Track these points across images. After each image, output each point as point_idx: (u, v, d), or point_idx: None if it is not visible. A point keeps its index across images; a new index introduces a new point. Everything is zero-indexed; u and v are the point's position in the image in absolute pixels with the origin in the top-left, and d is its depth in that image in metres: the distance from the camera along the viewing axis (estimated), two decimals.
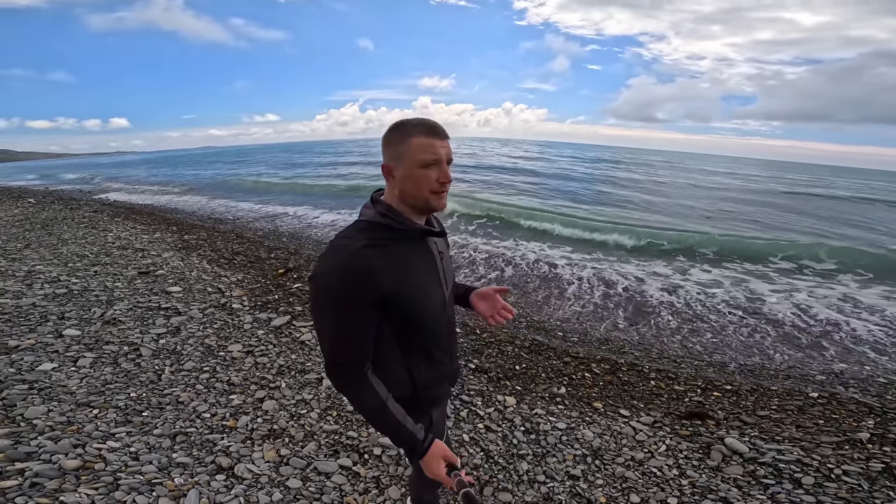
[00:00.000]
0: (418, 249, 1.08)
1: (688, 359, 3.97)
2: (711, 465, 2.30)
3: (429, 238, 1.11)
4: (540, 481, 2.12)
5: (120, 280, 4.47)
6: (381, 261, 0.95)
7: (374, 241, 0.97)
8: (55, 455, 1.85)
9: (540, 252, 8.08)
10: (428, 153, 0.96)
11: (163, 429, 2.18)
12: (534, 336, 4.02)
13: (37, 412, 2.16)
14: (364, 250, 0.94)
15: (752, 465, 2.30)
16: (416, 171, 0.97)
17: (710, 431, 2.62)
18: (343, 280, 0.93)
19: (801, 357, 4.18)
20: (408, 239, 1.04)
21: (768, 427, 2.72)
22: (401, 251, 1.01)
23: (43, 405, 2.24)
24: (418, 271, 1.06)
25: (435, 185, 0.99)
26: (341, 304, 0.94)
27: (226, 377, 2.73)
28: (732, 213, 14.43)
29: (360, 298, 0.94)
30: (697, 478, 2.20)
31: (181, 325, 3.44)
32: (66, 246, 6.02)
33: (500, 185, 18.39)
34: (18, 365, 2.61)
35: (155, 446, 2.05)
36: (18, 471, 1.72)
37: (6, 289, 3.96)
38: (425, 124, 0.98)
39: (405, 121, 1.00)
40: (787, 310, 5.40)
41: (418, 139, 0.96)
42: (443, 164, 0.99)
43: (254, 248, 6.57)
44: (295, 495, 1.87)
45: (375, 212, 1.01)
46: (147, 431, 2.15)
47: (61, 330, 3.16)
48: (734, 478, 2.20)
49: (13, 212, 9.39)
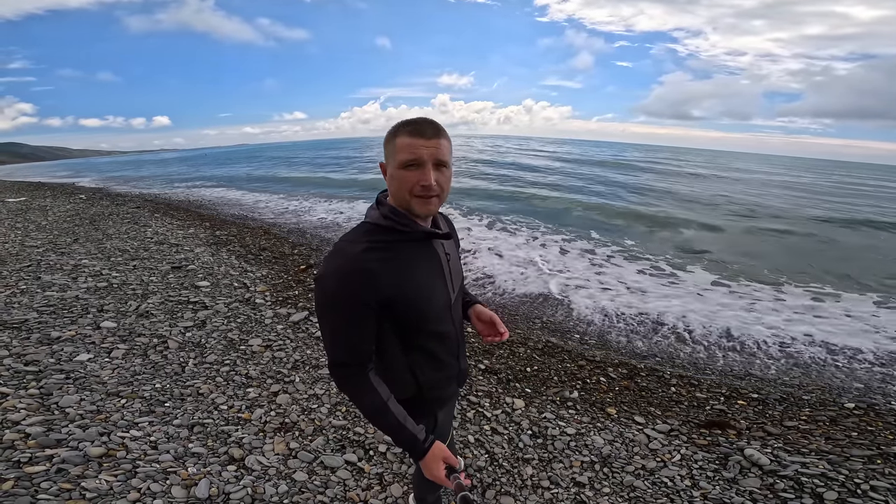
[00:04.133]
0: (423, 251, 1.07)
1: (712, 364, 3.82)
2: (727, 477, 2.21)
3: (435, 240, 1.11)
4: (544, 487, 2.10)
5: (155, 274, 4.72)
6: (382, 264, 0.96)
7: (375, 244, 0.98)
8: (82, 442, 1.99)
9: (562, 246, 7.93)
10: (407, 153, 0.95)
11: (182, 419, 2.30)
12: (548, 338, 3.96)
13: (70, 401, 2.33)
14: (364, 254, 0.95)
15: (772, 477, 2.19)
16: (398, 172, 0.97)
17: (730, 442, 2.51)
18: (342, 283, 0.94)
19: (841, 363, 3.93)
20: (412, 241, 1.04)
21: (795, 438, 2.58)
22: (404, 254, 1.02)
23: (76, 394, 2.41)
24: (422, 274, 1.06)
25: (416, 187, 0.96)
26: (341, 306, 0.96)
27: (244, 370, 2.85)
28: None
29: (360, 301, 0.95)
30: (710, 489, 2.11)
31: (207, 318, 3.60)
32: (110, 241, 6.42)
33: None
34: (58, 355, 2.81)
35: (173, 436, 2.17)
36: (47, 457, 1.86)
37: (54, 282, 4.27)
38: (414, 123, 0.97)
39: (405, 120, 0.99)
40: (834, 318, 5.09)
41: (402, 139, 0.95)
42: (425, 166, 0.95)
43: (279, 245, 6.78)
44: (300, 488, 1.93)
45: (379, 214, 1.02)
46: (167, 421, 2.28)
47: (99, 322, 3.38)
48: (750, 490, 2.10)
49: (65, 207, 10.08)
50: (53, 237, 6.57)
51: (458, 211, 11.13)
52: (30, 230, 7.12)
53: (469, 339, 3.70)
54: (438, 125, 0.98)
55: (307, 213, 10.77)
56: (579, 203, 12.90)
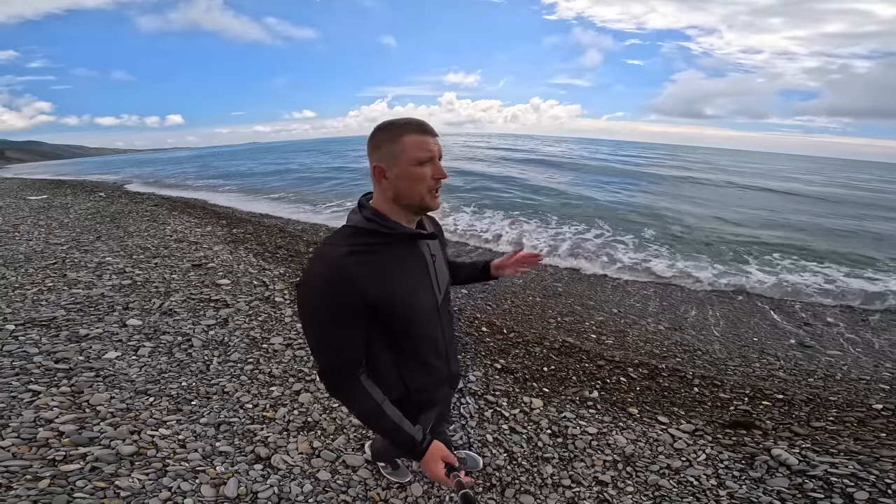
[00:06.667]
0: (408, 253, 1.07)
1: (734, 365, 3.76)
2: (754, 477, 2.18)
3: (421, 241, 1.10)
4: (565, 485, 2.09)
5: (176, 272, 4.80)
6: (366, 268, 0.96)
7: (358, 247, 0.97)
8: (114, 441, 2.04)
9: (581, 240, 7.86)
10: (423, 150, 0.96)
11: (209, 418, 2.34)
12: (564, 337, 3.93)
13: (101, 399, 2.38)
14: (347, 258, 0.94)
15: (800, 477, 2.16)
16: (412, 170, 0.97)
17: (756, 442, 2.47)
18: (325, 289, 0.94)
19: (866, 364, 3.84)
20: (397, 243, 1.03)
21: (823, 439, 2.53)
22: (388, 257, 1.01)
23: (106, 392, 2.46)
24: (407, 276, 1.05)
25: (430, 182, 0.99)
26: (325, 312, 0.96)
27: (267, 369, 2.88)
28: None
29: (344, 306, 0.95)
30: (737, 489, 2.09)
31: (229, 316, 3.66)
32: (132, 238, 6.55)
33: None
34: (87, 353, 2.88)
35: (201, 434, 2.21)
36: (81, 455, 1.91)
37: (79, 279, 4.37)
38: (415, 122, 0.98)
39: (393, 121, 0.99)
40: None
41: (411, 137, 0.96)
42: (437, 160, 1.00)
43: (294, 243, 6.83)
44: (324, 487, 1.95)
45: (362, 217, 1.01)
46: (195, 420, 2.32)
47: (125, 320, 3.45)
48: (777, 490, 2.07)
49: (86, 205, 10.31)
50: (76, 235, 6.72)
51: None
52: (53, 228, 7.30)
53: (484, 338, 3.69)
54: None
55: (320, 212, 10.88)
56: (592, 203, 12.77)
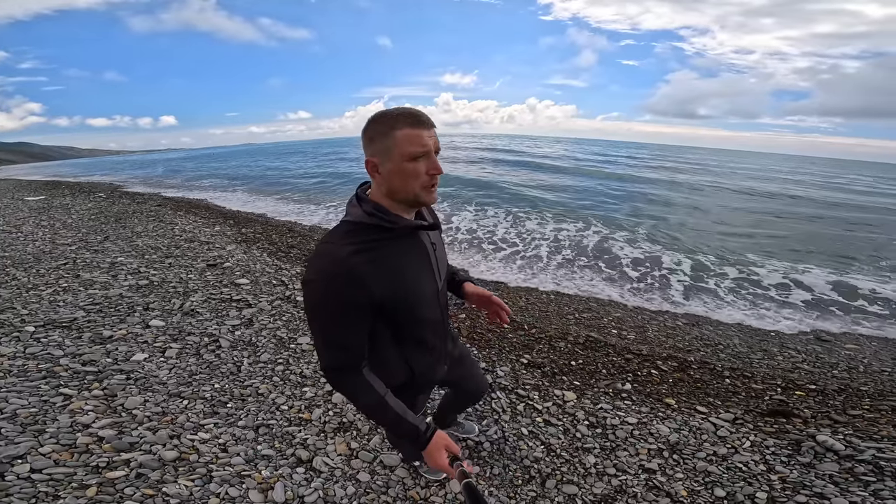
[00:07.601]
0: (410, 245, 1.06)
1: (757, 358, 3.75)
2: (803, 462, 2.17)
3: (421, 231, 1.10)
4: (610, 474, 2.08)
5: (192, 272, 4.75)
6: (372, 266, 0.94)
7: (361, 244, 0.95)
8: (154, 446, 2.00)
9: (598, 238, 7.83)
10: (416, 145, 0.92)
11: (246, 420, 2.30)
12: (587, 333, 3.89)
13: (135, 402, 2.34)
14: (352, 257, 0.92)
15: (849, 462, 2.15)
16: (405, 165, 0.93)
17: (798, 429, 2.46)
18: (331, 287, 0.92)
19: (889, 357, 3.83)
20: (399, 237, 1.02)
21: (863, 426, 2.52)
22: (392, 251, 1.00)
23: (139, 395, 2.42)
24: (411, 269, 1.05)
25: (425, 178, 0.96)
26: (330, 310, 0.95)
27: (298, 369, 2.84)
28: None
29: (350, 305, 0.94)
30: (788, 473, 2.08)
31: (253, 316, 3.61)
32: (141, 238, 6.48)
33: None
34: (114, 355, 2.83)
35: (241, 438, 2.17)
36: (124, 461, 1.87)
37: (94, 280, 4.32)
38: (409, 114, 0.94)
39: (386, 112, 0.95)
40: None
41: (404, 131, 0.92)
42: (431, 155, 0.95)
43: (305, 242, 6.77)
44: (365, 489, 1.92)
45: (362, 211, 0.99)
46: (232, 423, 2.28)
47: (148, 321, 3.40)
48: (829, 475, 2.07)
49: (87, 205, 10.22)
50: (83, 235, 6.65)
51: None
52: (57, 228, 7.22)
53: (506, 333, 3.65)
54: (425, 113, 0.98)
55: (328, 211, 10.82)
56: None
